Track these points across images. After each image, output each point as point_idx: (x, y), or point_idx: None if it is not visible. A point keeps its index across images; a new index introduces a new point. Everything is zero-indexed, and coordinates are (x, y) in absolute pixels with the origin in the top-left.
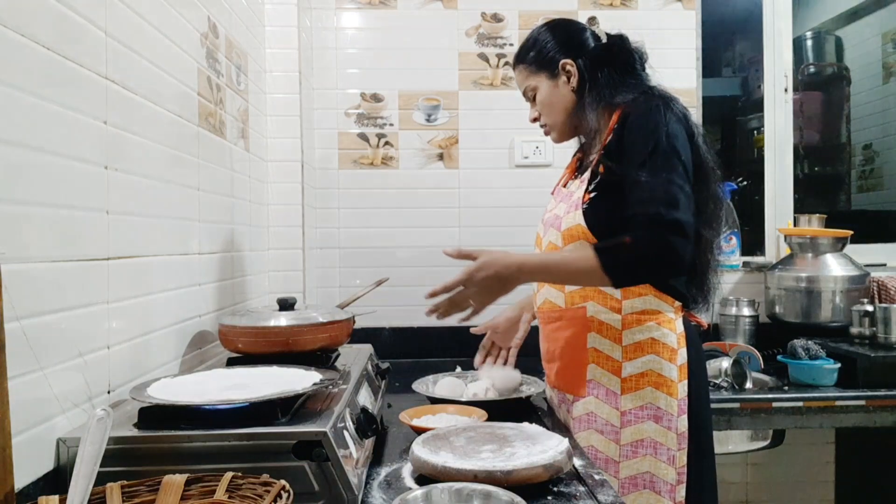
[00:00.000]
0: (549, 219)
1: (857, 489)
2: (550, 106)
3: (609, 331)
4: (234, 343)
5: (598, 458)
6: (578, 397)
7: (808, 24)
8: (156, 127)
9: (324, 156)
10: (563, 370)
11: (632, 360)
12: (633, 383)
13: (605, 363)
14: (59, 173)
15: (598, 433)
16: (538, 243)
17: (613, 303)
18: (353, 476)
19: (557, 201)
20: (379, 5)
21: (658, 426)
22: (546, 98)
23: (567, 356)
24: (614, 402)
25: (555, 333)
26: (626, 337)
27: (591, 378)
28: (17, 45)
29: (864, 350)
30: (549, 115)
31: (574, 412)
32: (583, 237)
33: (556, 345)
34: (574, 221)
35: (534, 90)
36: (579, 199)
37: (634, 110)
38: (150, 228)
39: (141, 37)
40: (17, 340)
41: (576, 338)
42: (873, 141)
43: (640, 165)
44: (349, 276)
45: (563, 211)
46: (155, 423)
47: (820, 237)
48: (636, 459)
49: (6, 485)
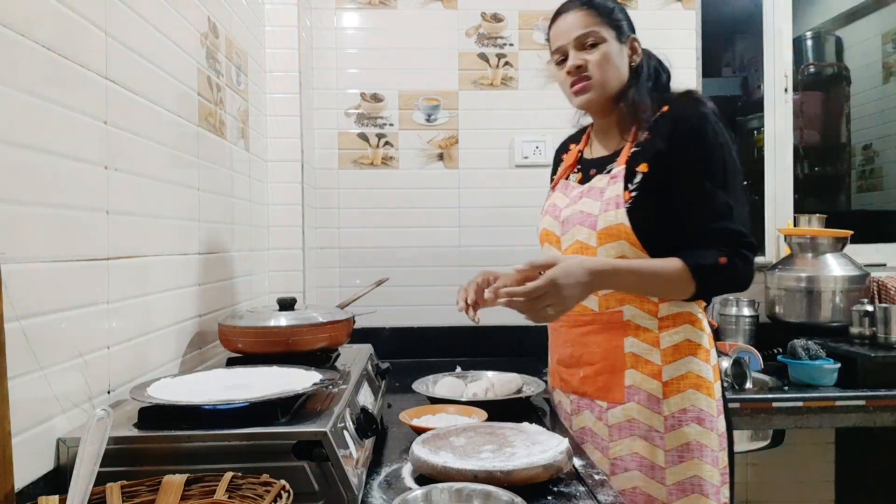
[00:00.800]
0: (571, 215)
1: (857, 489)
2: (609, 64)
3: (647, 335)
4: (234, 343)
5: (644, 464)
6: (615, 404)
7: (808, 24)
8: (156, 127)
9: (324, 156)
10: (594, 376)
11: (671, 363)
12: (674, 386)
13: (644, 367)
14: (59, 173)
15: (643, 439)
16: (551, 240)
17: (650, 306)
18: (353, 476)
19: (571, 196)
20: (379, 5)
21: (702, 428)
22: (609, 55)
23: (601, 361)
24: (657, 407)
25: (584, 338)
26: (663, 340)
27: (630, 384)
28: (17, 45)
29: (864, 350)
30: (604, 72)
31: (610, 419)
32: (624, 238)
33: (586, 349)
34: (615, 220)
35: (595, 39)
36: (617, 197)
37: (684, 113)
38: (150, 228)
39: (141, 37)
40: (17, 340)
41: (612, 342)
42: (873, 141)
43: (709, 177)
44: (349, 276)
45: (596, 209)
46: (155, 423)
47: (820, 237)
48: (683, 464)
49: (6, 485)
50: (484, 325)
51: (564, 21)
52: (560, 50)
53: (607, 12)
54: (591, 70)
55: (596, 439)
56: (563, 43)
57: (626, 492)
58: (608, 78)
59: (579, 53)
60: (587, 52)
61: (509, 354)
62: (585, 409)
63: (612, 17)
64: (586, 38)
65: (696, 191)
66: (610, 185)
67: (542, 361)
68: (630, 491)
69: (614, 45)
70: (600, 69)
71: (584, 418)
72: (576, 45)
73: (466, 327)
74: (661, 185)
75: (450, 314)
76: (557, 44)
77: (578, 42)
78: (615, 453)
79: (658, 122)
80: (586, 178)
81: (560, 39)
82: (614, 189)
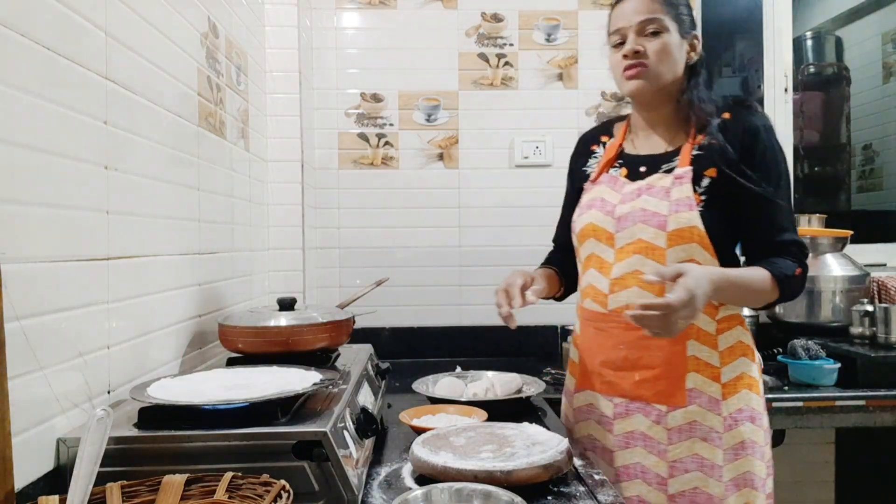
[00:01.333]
0: (631, 212)
1: (857, 489)
2: (668, 55)
3: (706, 337)
4: (234, 343)
5: (705, 464)
6: (676, 407)
7: (808, 24)
8: (156, 127)
9: (324, 156)
10: (653, 380)
11: (728, 365)
12: (731, 388)
13: (704, 370)
14: (59, 173)
15: (703, 441)
16: (599, 237)
17: (710, 309)
18: (353, 476)
19: (623, 192)
20: (379, 5)
21: (753, 426)
22: (670, 46)
23: (663, 366)
24: (717, 409)
25: (644, 341)
26: (721, 342)
27: (691, 387)
28: (17, 45)
29: (864, 350)
30: (661, 62)
31: (670, 423)
32: (697, 241)
33: (645, 353)
34: (688, 222)
35: (658, 27)
36: (688, 199)
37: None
38: (150, 228)
39: (141, 37)
40: (17, 340)
41: (674, 346)
42: (873, 141)
43: (777, 189)
44: (349, 276)
45: (664, 208)
46: (155, 423)
47: (820, 237)
48: (738, 461)
49: (6, 485)
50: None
51: (630, 4)
52: (619, 31)
53: (674, 4)
54: (648, 57)
55: (650, 443)
56: (624, 25)
57: (687, 492)
58: (664, 69)
59: (639, 39)
60: (647, 39)
61: (509, 354)
62: (637, 412)
63: (678, 10)
64: (649, 24)
65: (766, 202)
66: (676, 186)
67: (542, 361)
68: (690, 492)
69: (675, 37)
70: (658, 58)
71: (634, 422)
72: (637, 30)
73: (466, 327)
74: (729, 192)
75: (450, 314)
76: (618, 25)
77: (640, 27)
78: (675, 456)
79: (722, 127)
80: (634, 174)
81: (621, 21)
82: (682, 190)
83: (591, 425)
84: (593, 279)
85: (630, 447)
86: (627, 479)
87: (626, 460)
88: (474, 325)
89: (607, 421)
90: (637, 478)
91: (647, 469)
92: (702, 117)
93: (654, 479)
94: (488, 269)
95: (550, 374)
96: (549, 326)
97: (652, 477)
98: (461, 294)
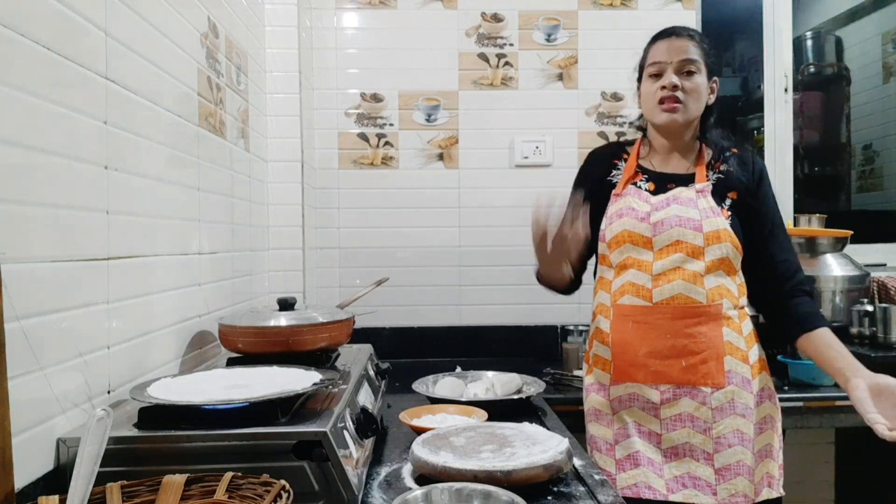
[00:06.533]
0: (667, 218)
1: (857, 489)
2: (699, 95)
3: (734, 324)
4: (234, 343)
5: (744, 439)
6: (718, 388)
7: (808, 24)
8: (156, 127)
9: (324, 156)
10: (699, 364)
11: (751, 349)
12: (756, 368)
13: (736, 353)
14: (59, 173)
15: (741, 416)
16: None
17: (734, 299)
18: (353, 476)
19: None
20: (379, 5)
21: (771, 403)
22: (700, 87)
23: (707, 350)
24: (748, 387)
25: (690, 329)
26: (744, 328)
27: (729, 369)
28: (17, 45)
29: (864, 350)
30: (694, 100)
31: (713, 402)
32: (729, 241)
33: (691, 340)
34: (720, 226)
35: (695, 69)
36: (713, 208)
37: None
38: (150, 228)
39: (141, 37)
40: (17, 340)
41: (714, 331)
42: (873, 141)
43: (779, 225)
44: (349, 276)
45: (696, 214)
46: (155, 423)
47: (820, 237)
48: (763, 434)
49: (6, 485)
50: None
51: (675, 43)
52: (658, 65)
53: (707, 52)
54: (685, 95)
55: (697, 423)
56: (665, 60)
57: (732, 466)
58: (694, 107)
59: (680, 76)
60: (684, 78)
61: (509, 354)
62: (684, 396)
63: (709, 56)
64: (688, 64)
65: (776, 226)
66: (700, 197)
67: (542, 361)
68: (735, 465)
69: (704, 80)
70: (692, 96)
71: (682, 405)
72: (676, 68)
73: (466, 327)
74: (745, 213)
75: (450, 314)
76: (659, 59)
77: (680, 65)
78: (718, 432)
79: (733, 159)
80: (661, 188)
81: (663, 56)
82: (707, 201)
83: (634, 412)
84: (633, 277)
85: (678, 429)
86: (676, 459)
87: (674, 441)
88: (474, 325)
89: (652, 407)
90: (686, 456)
91: (694, 447)
92: (718, 150)
93: (701, 455)
94: (488, 269)
95: (550, 374)
96: (549, 326)
97: (699, 453)
98: (461, 294)
